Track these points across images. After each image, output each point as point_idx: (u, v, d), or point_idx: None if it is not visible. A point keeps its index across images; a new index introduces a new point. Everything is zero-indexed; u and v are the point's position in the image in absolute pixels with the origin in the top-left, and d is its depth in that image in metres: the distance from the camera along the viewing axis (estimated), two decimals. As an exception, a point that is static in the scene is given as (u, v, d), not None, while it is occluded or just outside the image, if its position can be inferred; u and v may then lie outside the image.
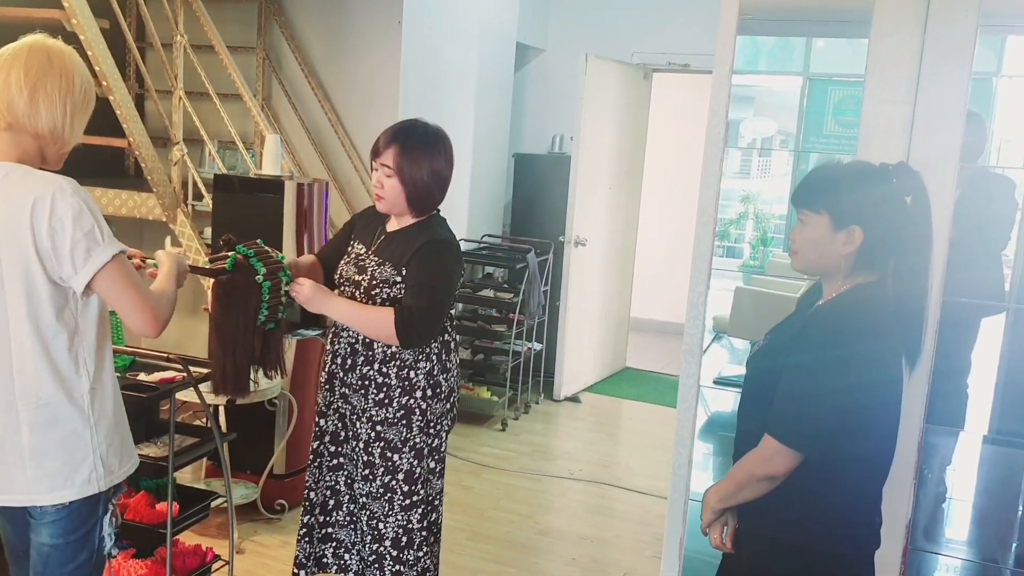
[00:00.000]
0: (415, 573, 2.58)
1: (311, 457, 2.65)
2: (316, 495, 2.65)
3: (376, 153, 2.48)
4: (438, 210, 2.58)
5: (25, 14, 3.83)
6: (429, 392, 2.52)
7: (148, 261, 2.18)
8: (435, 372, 2.53)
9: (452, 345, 2.61)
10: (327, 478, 2.63)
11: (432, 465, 2.58)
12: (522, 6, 6.13)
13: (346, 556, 2.66)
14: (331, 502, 2.64)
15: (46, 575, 1.95)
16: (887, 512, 1.96)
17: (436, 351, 2.54)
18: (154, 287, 1.97)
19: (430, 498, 2.60)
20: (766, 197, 9.99)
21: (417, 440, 2.52)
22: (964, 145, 2.42)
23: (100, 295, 1.86)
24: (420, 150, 2.45)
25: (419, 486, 2.54)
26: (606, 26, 6.47)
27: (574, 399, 5.93)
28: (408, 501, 2.54)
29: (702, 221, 2.47)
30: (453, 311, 2.67)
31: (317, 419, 2.64)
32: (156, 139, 4.45)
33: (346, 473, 2.62)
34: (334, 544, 2.66)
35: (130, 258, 2.15)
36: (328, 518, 2.65)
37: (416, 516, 2.56)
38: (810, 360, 1.78)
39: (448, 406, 2.60)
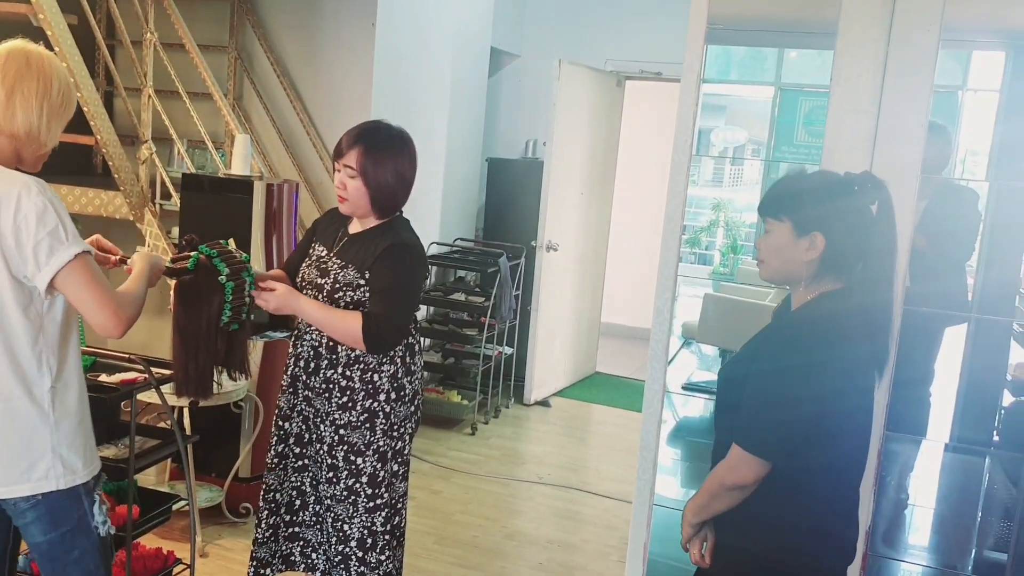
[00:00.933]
0: (367, 571, 2.57)
1: (275, 459, 2.63)
2: (282, 495, 2.63)
3: (339, 154, 2.46)
4: (401, 212, 2.58)
5: (-9, 8, 3.79)
6: (393, 395, 2.51)
7: (129, 260, 2.17)
8: (399, 375, 2.53)
9: (416, 348, 2.60)
10: (292, 479, 2.62)
11: (396, 468, 2.58)
12: (497, 11, 6.14)
13: (313, 555, 2.65)
14: (297, 502, 2.62)
15: (56, 569, 1.99)
16: None
17: (400, 354, 2.54)
18: (122, 287, 1.97)
19: (393, 501, 2.58)
20: (737, 205, 10.07)
21: (381, 443, 2.51)
22: (929, 157, 2.46)
23: (63, 294, 1.87)
24: (384, 151, 2.43)
25: (383, 489, 2.53)
26: (580, 33, 6.51)
27: (544, 403, 5.93)
28: (372, 504, 2.53)
29: (669, 228, 2.48)
30: (418, 313, 2.67)
31: (280, 421, 2.62)
32: (124, 137, 4.41)
33: (311, 474, 2.60)
34: (301, 543, 2.65)
35: (114, 256, 2.15)
36: (295, 517, 2.63)
37: (380, 519, 2.55)
38: (774, 368, 1.80)
39: (412, 409, 2.59)
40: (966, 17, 2.85)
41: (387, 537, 2.57)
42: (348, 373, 2.49)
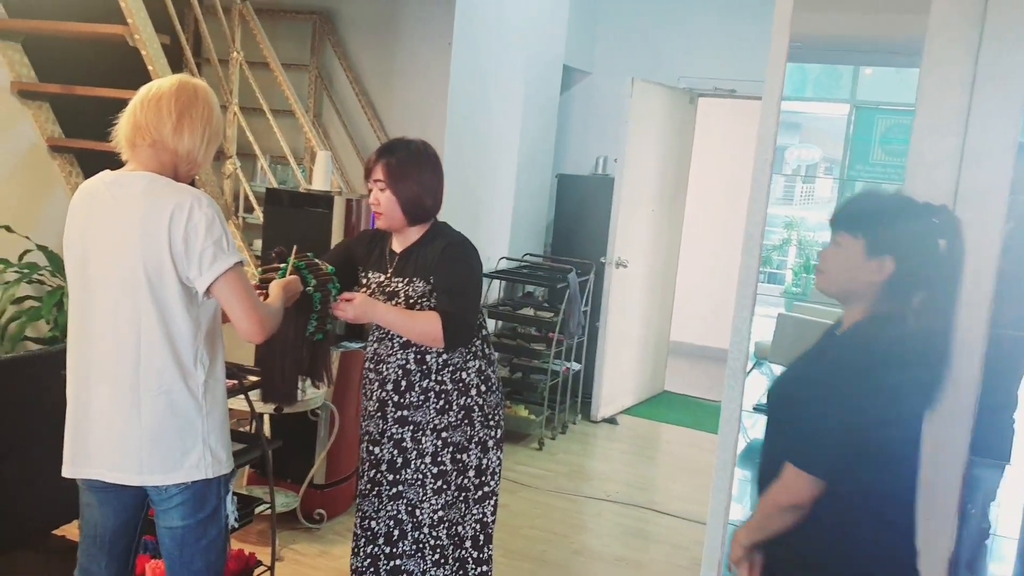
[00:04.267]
0: (487, 569, 2.70)
1: (368, 486, 2.70)
2: (379, 525, 2.69)
3: (368, 173, 2.61)
4: (436, 218, 2.68)
5: (92, 29, 3.96)
6: (483, 387, 2.63)
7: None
8: (483, 368, 2.65)
9: (489, 337, 2.73)
10: (388, 507, 2.68)
11: (498, 457, 2.69)
12: (570, 30, 6.20)
13: None
14: (396, 532, 2.68)
15: (183, 555, 2.12)
16: (928, 547, 1.93)
17: (479, 347, 2.65)
18: (267, 302, 2.19)
19: (497, 489, 2.70)
20: (810, 223, 9.93)
21: (480, 434, 2.63)
22: (1017, 177, 2.41)
23: (217, 298, 2.03)
24: (405, 161, 2.57)
25: (489, 477, 2.66)
26: (653, 50, 6.52)
27: (611, 421, 5.92)
28: (480, 493, 2.65)
29: (748, 247, 2.48)
30: (487, 324, 2.75)
31: (371, 447, 2.68)
32: (210, 152, 4.56)
33: (406, 501, 2.66)
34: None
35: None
36: (394, 549, 2.69)
37: (490, 508, 2.68)
38: (830, 388, 1.77)
39: (500, 396, 2.71)
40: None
41: (493, 528, 2.69)
42: (440, 378, 2.59)
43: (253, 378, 2.75)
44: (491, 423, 2.66)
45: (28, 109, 4.08)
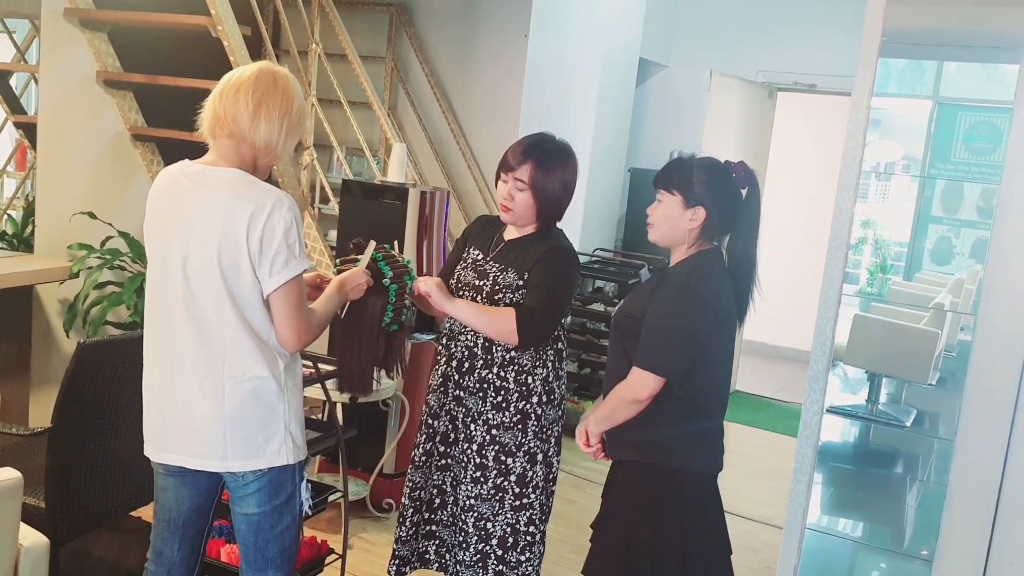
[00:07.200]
0: (507, 571, 2.61)
1: (423, 457, 2.69)
2: (425, 493, 2.69)
3: (509, 168, 2.53)
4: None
5: (176, 20, 4.05)
6: (544, 398, 2.57)
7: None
8: (550, 378, 2.59)
9: (564, 353, 2.66)
10: (435, 477, 2.67)
11: (544, 471, 2.61)
12: (647, 22, 6.12)
13: (447, 555, 2.69)
14: (437, 501, 2.68)
15: (258, 542, 2.15)
16: None
17: (552, 358, 2.59)
18: (313, 306, 2.14)
19: (540, 504, 2.62)
20: (887, 223, 9.65)
21: (531, 445, 2.56)
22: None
23: (271, 301, 2.02)
24: (554, 165, 2.51)
25: (530, 489, 2.58)
26: (731, 43, 6.40)
27: (680, 419, 5.83)
28: (518, 503, 2.58)
29: (834, 246, 2.41)
30: (565, 321, 2.71)
31: (429, 420, 2.68)
32: (288, 143, 4.62)
33: (452, 474, 2.65)
34: (436, 542, 2.69)
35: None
36: (433, 516, 2.69)
37: (524, 519, 2.60)
38: (669, 303, 2.17)
39: (559, 413, 2.64)
40: None
41: (529, 538, 2.61)
42: (503, 373, 2.54)
43: (328, 367, 2.77)
44: (544, 436, 2.59)
45: (113, 98, 4.19)
